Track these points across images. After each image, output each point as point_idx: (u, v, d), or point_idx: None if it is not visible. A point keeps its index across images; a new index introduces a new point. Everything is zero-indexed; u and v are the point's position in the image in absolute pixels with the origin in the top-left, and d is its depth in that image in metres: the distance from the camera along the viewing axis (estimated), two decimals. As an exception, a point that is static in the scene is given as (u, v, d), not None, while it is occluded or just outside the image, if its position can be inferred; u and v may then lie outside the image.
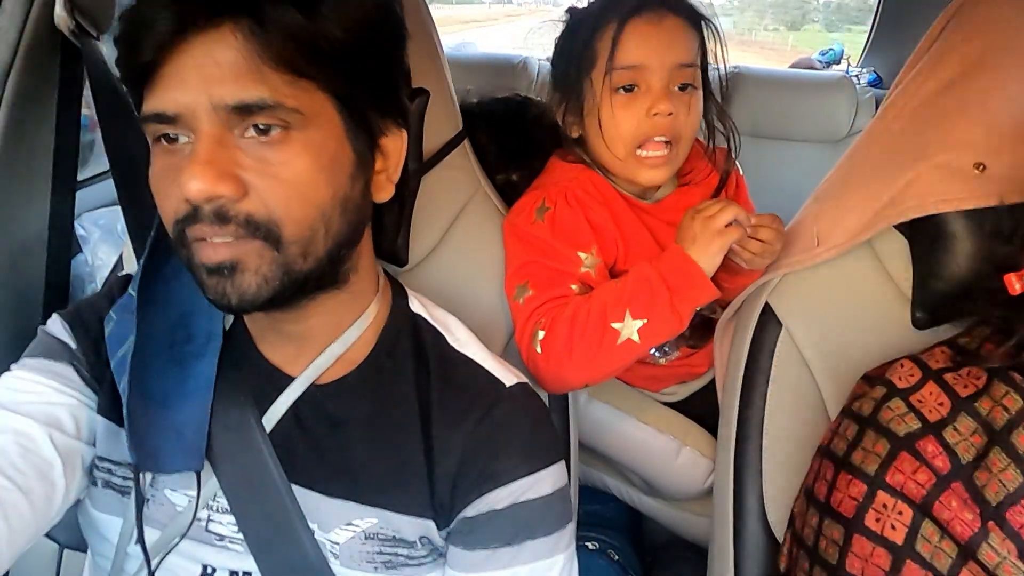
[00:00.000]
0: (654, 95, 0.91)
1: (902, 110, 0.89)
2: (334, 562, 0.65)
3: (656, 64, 0.91)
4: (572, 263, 0.93)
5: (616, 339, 0.86)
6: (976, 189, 0.78)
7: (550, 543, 0.67)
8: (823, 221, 0.91)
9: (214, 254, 0.56)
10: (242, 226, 0.55)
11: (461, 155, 0.97)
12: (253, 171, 0.55)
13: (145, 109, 0.56)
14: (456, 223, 0.96)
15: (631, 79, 0.92)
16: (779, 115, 2.04)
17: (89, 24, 0.85)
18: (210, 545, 0.67)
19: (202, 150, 0.54)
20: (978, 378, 0.72)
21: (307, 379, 0.67)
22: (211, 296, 0.58)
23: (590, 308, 0.88)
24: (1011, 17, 0.82)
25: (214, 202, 0.54)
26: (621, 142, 0.94)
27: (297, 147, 0.56)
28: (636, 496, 1.23)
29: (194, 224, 0.55)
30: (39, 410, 0.63)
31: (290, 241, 0.57)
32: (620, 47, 0.91)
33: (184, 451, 0.63)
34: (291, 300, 0.61)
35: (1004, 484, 0.66)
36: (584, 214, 0.95)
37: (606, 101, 0.93)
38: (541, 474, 0.66)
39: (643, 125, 0.92)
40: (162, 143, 0.57)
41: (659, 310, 0.85)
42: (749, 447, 0.91)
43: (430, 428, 0.67)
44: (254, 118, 0.54)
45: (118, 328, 0.68)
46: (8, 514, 0.57)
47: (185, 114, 0.54)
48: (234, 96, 0.53)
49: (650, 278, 0.86)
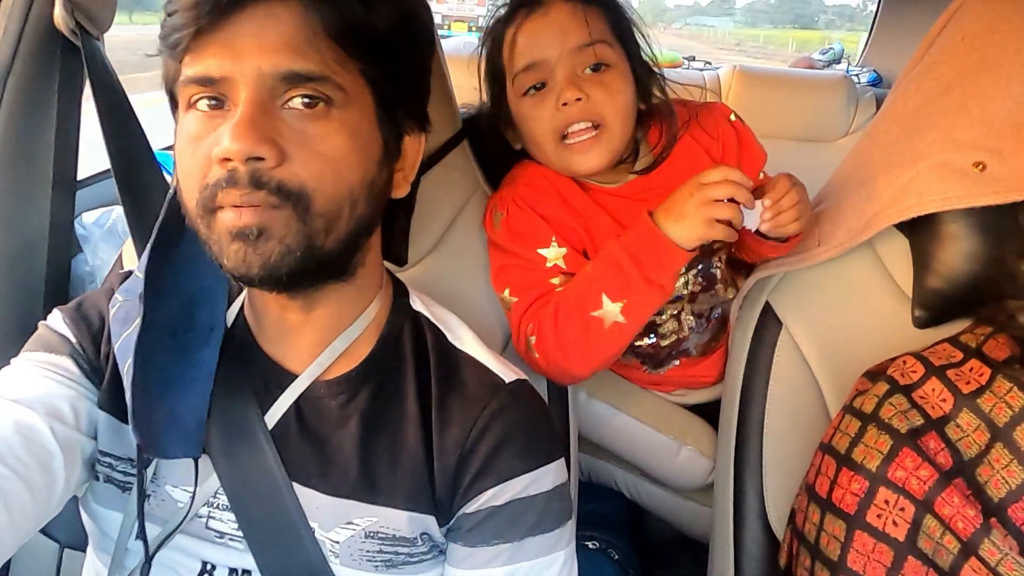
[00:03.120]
0: (557, 86, 0.89)
1: (902, 110, 0.89)
2: (334, 561, 0.65)
3: (552, 55, 0.89)
4: (538, 262, 0.92)
5: (602, 325, 0.85)
6: (976, 188, 0.78)
7: (551, 540, 0.67)
8: (824, 221, 0.91)
9: (241, 219, 0.56)
10: (274, 193, 0.56)
11: (460, 155, 0.97)
12: (292, 141, 0.56)
13: (188, 73, 0.57)
14: (455, 223, 0.96)
15: (534, 79, 0.91)
16: (779, 114, 2.04)
17: (89, 23, 0.85)
18: (210, 542, 0.67)
19: (247, 112, 0.55)
20: (981, 374, 0.72)
21: (310, 375, 0.67)
22: (232, 265, 0.58)
23: (567, 301, 0.87)
24: (1011, 17, 0.82)
25: (252, 164, 0.55)
26: (544, 139, 0.93)
27: (336, 124, 0.58)
28: (641, 486, 1.22)
29: (228, 188, 0.56)
30: (40, 401, 0.63)
31: (317, 213, 0.58)
32: (515, 52, 0.91)
33: (184, 438, 0.64)
34: (305, 282, 0.62)
35: (1006, 481, 0.66)
36: (535, 211, 0.93)
37: (520, 106, 0.93)
38: (541, 471, 0.67)
39: (556, 118, 0.90)
40: (197, 107, 0.58)
41: (634, 287, 0.84)
42: (750, 445, 0.92)
43: (430, 425, 0.67)
44: (300, 89, 0.56)
45: (123, 310, 0.68)
46: (10, 503, 0.57)
47: (232, 79, 0.56)
48: (287, 65, 0.55)
49: (617, 257, 0.85)
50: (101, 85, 0.82)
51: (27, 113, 0.88)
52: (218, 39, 0.55)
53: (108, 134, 0.81)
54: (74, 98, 0.92)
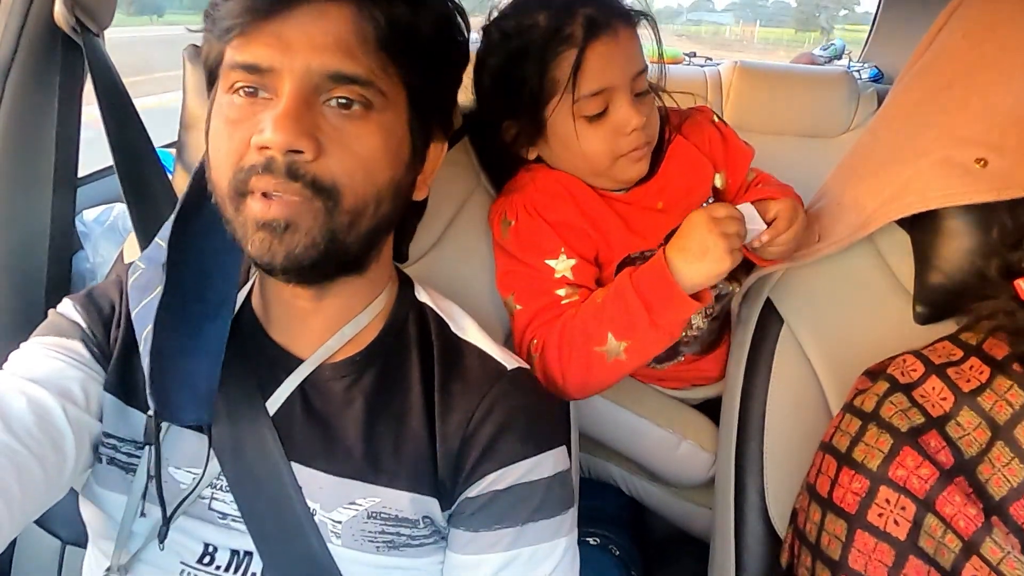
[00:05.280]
0: (624, 112, 0.87)
1: (903, 106, 0.89)
2: (335, 542, 0.66)
3: (621, 82, 0.87)
4: (545, 272, 0.92)
5: (604, 360, 0.85)
6: (977, 184, 0.78)
7: (552, 526, 0.68)
8: (824, 216, 0.91)
9: (270, 211, 0.58)
10: (308, 186, 0.58)
11: (461, 152, 0.97)
12: (329, 137, 0.58)
13: (236, 59, 0.59)
14: (456, 220, 0.96)
15: (602, 104, 0.87)
16: (780, 110, 2.03)
17: (89, 20, 0.85)
18: (212, 523, 0.67)
19: (291, 105, 0.57)
20: (981, 372, 0.72)
21: (317, 359, 0.68)
22: (255, 252, 0.60)
23: (574, 329, 0.86)
24: (1012, 13, 0.82)
25: (290, 156, 0.57)
26: (599, 158, 0.90)
27: (373, 126, 0.60)
28: (640, 485, 1.22)
29: (264, 175, 0.58)
30: (53, 382, 0.64)
31: (344, 210, 0.60)
32: (584, 75, 0.85)
33: (195, 403, 0.64)
34: (323, 274, 0.64)
35: (1007, 479, 0.66)
36: (545, 219, 0.91)
37: (577, 129, 0.88)
38: (543, 456, 0.68)
39: (621, 143, 0.89)
40: (239, 93, 0.59)
41: (641, 331, 0.83)
42: (750, 442, 0.92)
43: (433, 409, 0.68)
44: (344, 90, 0.59)
45: (144, 277, 0.69)
46: (23, 481, 0.57)
47: (279, 71, 0.58)
48: (336, 65, 0.58)
49: (627, 298, 0.83)
50: (102, 81, 0.82)
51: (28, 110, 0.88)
52: (270, 30, 0.57)
53: (111, 130, 0.82)
54: (74, 95, 0.93)
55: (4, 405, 0.60)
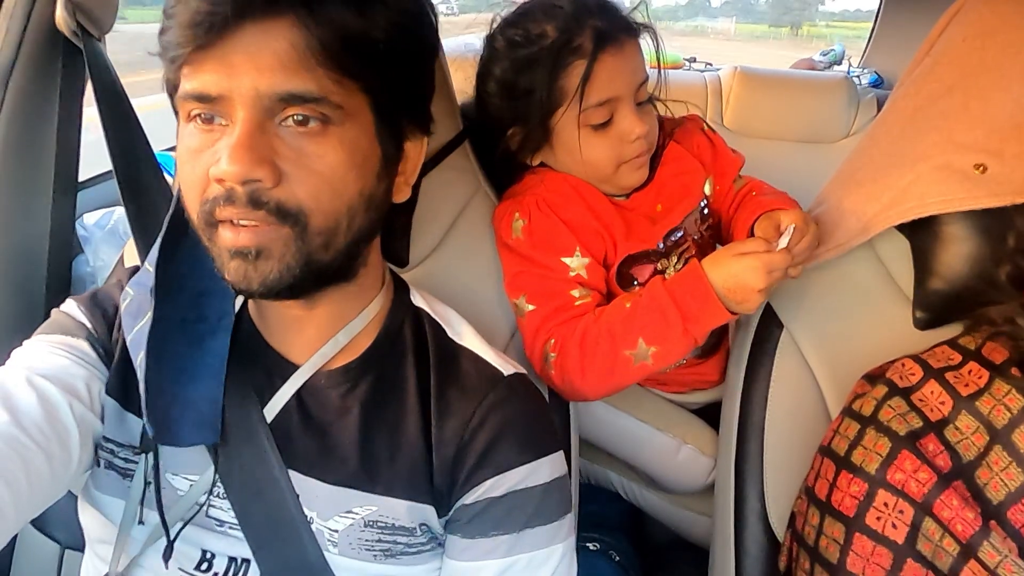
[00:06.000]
0: (629, 121, 0.90)
1: (903, 111, 0.89)
2: (332, 551, 0.66)
3: (626, 92, 0.89)
4: (560, 270, 0.92)
5: (630, 363, 0.86)
6: (977, 190, 0.78)
7: (549, 532, 0.67)
8: (824, 222, 0.91)
9: (239, 239, 0.57)
10: (272, 213, 0.56)
11: (461, 156, 0.97)
12: (288, 160, 0.56)
13: (186, 88, 0.57)
14: (457, 224, 0.96)
15: (608, 114, 0.89)
16: (780, 115, 2.04)
17: (90, 24, 0.85)
18: (210, 530, 0.67)
19: (243, 134, 0.55)
20: (980, 377, 0.72)
21: (313, 366, 0.68)
22: (232, 279, 0.59)
23: (599, 333, 0.87)
24: (1013, 18, 0.82)
25: (249, 186, 0.55)
26: (603, 165, 0.93)
27: (333, 141, 0.58)
28: (639, 492, 1.22)
29: (226, 206, 0.56)
30: (60, 378, 0.64)
31: (315, 232, 0.58)
32: (592, 86, 0.87)
33: (200, 424, 0.64)
34: (306, 290, 0.63)
35: (1005, 483, 0.66)
36: (560, 216, 0.93)
37: (582, 137, 0.90)
38: (539, 462, 0.67)
39: (624, 150, 0.92)
40: (197, 122, 0.58)
41: (673, 337, 0.85)
42: (750, 446, 0.92)
43: (429, 416, 0.68)
44: (297, 109, 0.56)
45: (135, 303, 0.69)
46: (30, 473, 0.57)
47: (229, 97, 0.55)
48: (284, 86, 0.55)
49: (663, 305, 0.85)
50: (103, 86, 0.82)
51: (29, 114, 0.88)
52: (216, 55, 0.55)
53: (110, 135, 0.82)
54: (75, 99, 0.93)
55: (14, 398, 0.60)
